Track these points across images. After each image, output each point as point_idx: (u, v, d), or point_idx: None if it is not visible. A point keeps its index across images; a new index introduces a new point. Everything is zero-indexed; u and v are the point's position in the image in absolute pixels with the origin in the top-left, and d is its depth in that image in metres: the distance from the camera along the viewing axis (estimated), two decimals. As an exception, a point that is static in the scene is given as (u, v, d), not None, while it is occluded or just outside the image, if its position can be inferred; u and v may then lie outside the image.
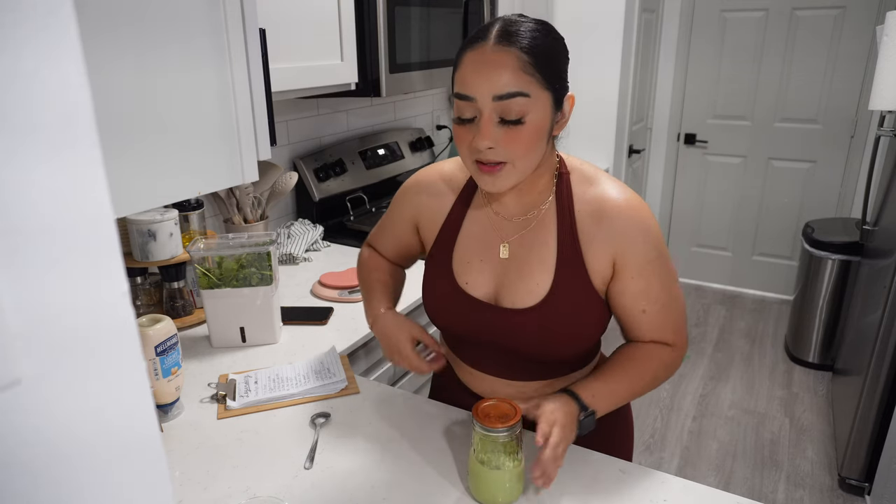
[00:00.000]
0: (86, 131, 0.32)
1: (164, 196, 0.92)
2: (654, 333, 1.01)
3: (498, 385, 1.07)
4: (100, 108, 0.36)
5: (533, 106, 0.85)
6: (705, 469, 2.42)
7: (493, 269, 1.00)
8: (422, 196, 1.08)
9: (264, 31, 1.06)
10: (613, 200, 0.95)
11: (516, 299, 0.97)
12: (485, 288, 1.01)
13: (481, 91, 0.84)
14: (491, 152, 0.86)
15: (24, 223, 0.30)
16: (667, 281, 0.97)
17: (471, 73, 0.85)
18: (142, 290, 1.52)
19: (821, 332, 3.02)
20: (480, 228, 1.02)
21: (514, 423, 0.88)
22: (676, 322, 1.01)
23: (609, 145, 3.14)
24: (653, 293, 0.96)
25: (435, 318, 1.08)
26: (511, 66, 0.83)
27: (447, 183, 1.06)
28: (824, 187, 3.52)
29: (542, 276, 0.96)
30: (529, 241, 0.98)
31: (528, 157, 0.88)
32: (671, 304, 0.99)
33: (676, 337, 1.02)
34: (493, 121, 0.85)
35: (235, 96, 0.99)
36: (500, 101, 0.84)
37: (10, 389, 0.30)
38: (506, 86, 0.83)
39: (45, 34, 0.29)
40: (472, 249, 1.02)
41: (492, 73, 0.83)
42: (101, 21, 0.78)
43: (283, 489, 0.95)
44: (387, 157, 2.38)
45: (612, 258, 0.95)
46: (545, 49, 0.85)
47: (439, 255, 1.05)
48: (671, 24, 3.62)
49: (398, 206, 1.14)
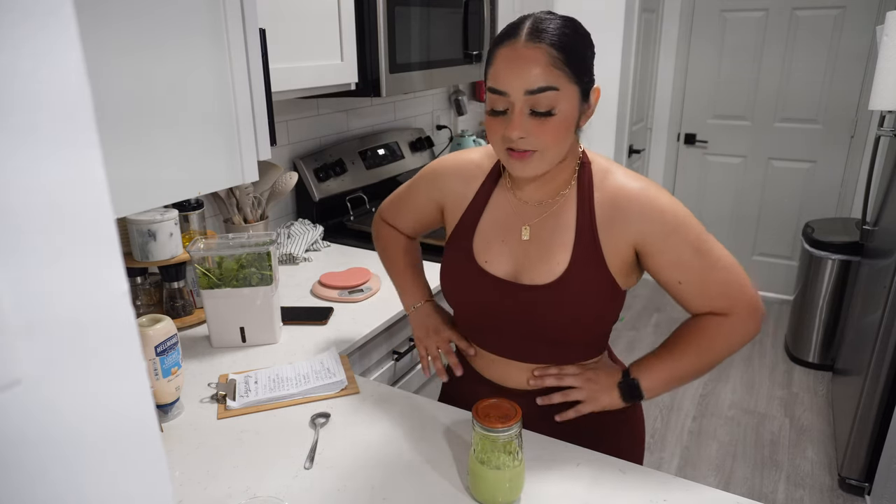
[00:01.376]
0: (85, 131, 0.32)
1: (164, 196, 0.92)
2: (701, 304, 1.01)
3: (510, 368, 1.09)
4: (97, 106, 0.36)
5: (562, 99, 0.89)
6: (705, 469, 2.42)
7: (513, 249, 1.04)
8: (451, 181, 1.11)
9: (264, 30, 1.06)
10: (628, 188, 0.98)
11: (535, 277, 1.01)
12: (504, 267, 1.04)
13: (513, 86, 0.89)
14: (522, 142, 0.91)
15: (23, 223, 0.30)
16: (698, 248, 0.97)
17: (503, 68, 0.90)
18: (142, 290, 1.52)
19: (821, 332, 3.02)
20: (503, 213, 1.06)
21: (514, 422, 0.88)
22: (723, 288, 0.99)
23: (609, 145, 3.14)
24: (684, 263, 0.97)
25: (451, 297, 1.11)
26: (542, 62, 0.87)
27: (475, 170, 1.10)
28: (824, 187, 3.52)
29: (562, 255, 1.00)
30: (551, 225, 1.02)
31: (557, 147, 0.93)
32: (709, 271, 0.98)
33: (730, 303, 0.99)
34: (524, 113, 0.90)
35: (235, 96, 0.99)
36: (531, 95, 0.88)
37: (10, 389, 0.30)
38: (537, 80, 0.88)
39: (44, 33, 0.29)
40: (493, 232, 1.06)
41: (523, 68, 0.88)
42: (99, 19, 0.78)
43: (283, 489, 0.95)
44: (387, 157, 2.38)
45: (631, 243, 0.98)
46: (573, 44, 0.89)
47: (460, 237, 1.08)
48: (671, 24, 3.62)
49: (424, 186, 1.17)
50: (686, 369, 1.03)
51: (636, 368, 1.06)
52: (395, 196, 1.27)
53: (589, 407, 1.05)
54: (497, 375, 1.12)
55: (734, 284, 0.99)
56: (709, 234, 0.98)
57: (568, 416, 1.06)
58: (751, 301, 1.00)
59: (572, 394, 1.06)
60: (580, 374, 1.06)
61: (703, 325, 1.02)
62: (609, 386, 1.05)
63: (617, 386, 1.05)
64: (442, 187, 1.13)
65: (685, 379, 1.04)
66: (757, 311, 1.01)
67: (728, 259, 0.99)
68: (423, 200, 1.18)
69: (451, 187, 1.11)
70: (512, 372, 1.09)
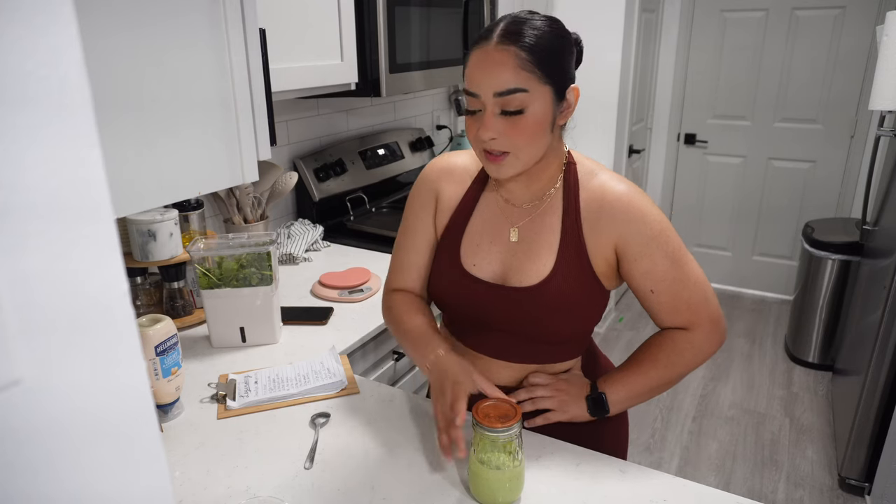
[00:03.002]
0: (86, 131, 0.32)
1: (164, 196, 0.92)
2: (669, 316, 1.03)
3: (497, 367, 1.09)
4: (97, 107, 0.36)
5: (532, 100, 0.90)
6: (705, 469, 2.42)
7: (501, 251, 1.04)
8: (442, 183, 1.10)
9: (264, 30, 1.06)
10: (613, 190, 0.99)
11: (523, 278, 1.02)
12: (493, 269, 1.04)
13: (483, 87, 0.90)
14: (494, 142, 0.92)
15: (23, 223, 0.30)
16: (675, 260, 0.98)
17: (475, 71, 0.91)
18: (142, 290, 1.52)
19: (821, 332, 3.02)
20: (490, 214, 1.06)
21: (514, 422, 0.88)
22: (690, 301, 1.01)
23: (609, 145, 3.14)
24: (658, 273, 0.98)
25: (439, 301, 1.11)
26: (510, 64, 0.88)
27: (462, 173, 1.10)
28: (824, 187, 3.52)
29: (548, 256, 1.01)
30: (538, 226, 1.03)
31: (531, 147, 0.93)
32: (681, 284, 0.99)
33: (694, 317, 1.01)
34: (494, 114, 0.91)
35: (235, 96, 0.99)
36: (500, 97, 0.89)
37: (9, 389, 0.30)
38: (505, 83, 0.89)
39: (43, 37, 0.29)
40: (481, 234, 1.06)
41: (492, 71, 0.89)
42: (99, 24, 0.78)
43: (283, 489, 0.95)
44: (387, 157, 2.38)
45: (613, 244, 0.99)
46: (546, 45, 0.89)
47: (448, 240, 1.08)
48: (671, 24, 3.62)
49: (419, 200, 1.11)
50: (652, 384, 1.05)
51: (603, 383, 1.06)
52: (394, 251, 1.17)
53: (557, 416, 1.06)
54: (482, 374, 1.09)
55: (701, 300, 1.01)
56: (685, 248, 1.01)
57: (536, 423, 1.06)
58: (714, 316, 1.03)
59: (543, 402, 1.06)
60: (551, 384, 1.07)
61: (669, 339, 1.04)
62: (578, 397, 1.06)
63: (585, 399, 1.06)
64: (436, 189, 1.11)
65: (652, 393, 1.05)
66: (719, 326, 1.03)
67: (700, 275, 1.01)
68: (424, 221, 1.11)
69: (441, 189, 1.10)
70: (497, 370, 1.09)
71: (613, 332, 3.49)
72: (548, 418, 1.06)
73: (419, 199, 1.12)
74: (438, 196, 1.10)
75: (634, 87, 3.31)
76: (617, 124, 3.12)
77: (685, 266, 0.99)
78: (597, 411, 1.05)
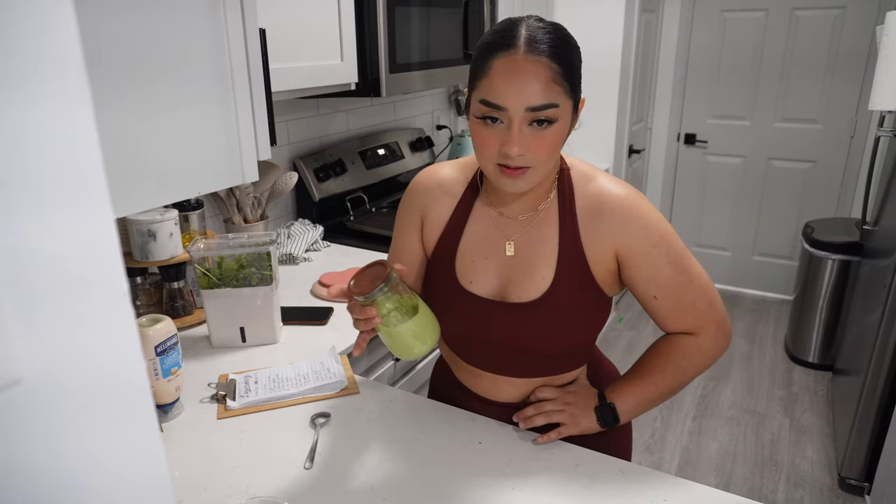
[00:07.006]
0: (86, 130, 0.32)
1: (164, 196, 0.92)
2: (674, 321, 1.01)
3: (499, 383, 1.07)
4: (95, 104, 0.36)
5: (559, 114, 0.86)
6: (705, 469, 2.42)
7: (498, 266, 1.01)
8: (428, 198, 1.06)
9: (264, 31, 1.06)
10: (612, 195, 0.96)
11: (521, 293, 0.99)
12: (490, 285, 1.01)
13: (513, 101, 0.84)
14: (520, 158, 0.87)
15: (22, 225, 0.30)
16: (678, 265, 0.96)
17: (503, 81, 0.84)
18: (142, 290, 1.52)
19: (821, 332, 3.02)
20: (484, 228, 1.02)
21: (388, 276, 0.88)
22: (696, 305, 0.99)
23: (609, 145, 3.14)
24: (661, 279, 0.97)
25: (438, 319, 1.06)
26: (544, 77, 0.83)
27: (449, 187, 1.05)
28: (824, 187, 3.52)
29: (547, 269, 0.98)
30: (534, 238, 0.99)
31: (551, 161, 0.90)
32: (686, 288, 0.98)
33: (700, 321, 1.00)
34: (522, 128, 0.85)
35: (235, 96, 0.99)
36: (533, 111, 0.84)
37: (9, 389, 0.30)
38: (539, 97, 0.83)
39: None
40: (476, 249, 1.02)
41: (525, 84, 0.83)
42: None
43: (283, 489, 0.95)
44: (387, 157, 2.38)
45: (614, 251, 0.96)
46: (569, 57, 0.86)
47: (441, 259, 1.04)
48: (671, 24, 3.62)
49: (405, 220, 1.09)
50: (661, 391, 1.03)
51: (612, 392, 1.04)
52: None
53: (569, 430, 1.03)
54: (485, 390, 1.10)
55: (707, 304, 1.00)
56: (688, 252, 0.99)
57: (550, 438, 1.03)
58: (720, 319, 1.01)
59: (554, 416, 1.04)
60: (559, 397, 1.05)
61: (677, 346, 1.02)
62: (587, 408, 1.04)
63: (594, 410, 1.03)
64: (421, 209, 1.06)
65: (660, 400, 1.04)
66: (725, 329, 1.02)
67: (704, 278, 1.00)
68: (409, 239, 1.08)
69: (428, 207, 1.06)
70: (501, 386, 1.08)
71: (613, 332, 3.49)
72: (561, 433, 1.03)
73: (406, 218, 1.09)
74: (425, 215, 1.06)
75: (634, 87, 3.31)
76: (617, 124, 3.12)
77: (689, 270, 0.98)
78: (607, 422, 1.03)
